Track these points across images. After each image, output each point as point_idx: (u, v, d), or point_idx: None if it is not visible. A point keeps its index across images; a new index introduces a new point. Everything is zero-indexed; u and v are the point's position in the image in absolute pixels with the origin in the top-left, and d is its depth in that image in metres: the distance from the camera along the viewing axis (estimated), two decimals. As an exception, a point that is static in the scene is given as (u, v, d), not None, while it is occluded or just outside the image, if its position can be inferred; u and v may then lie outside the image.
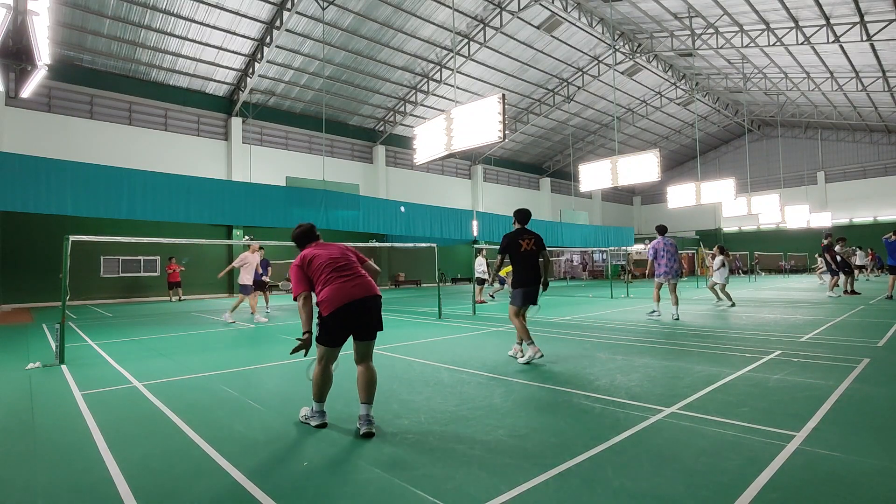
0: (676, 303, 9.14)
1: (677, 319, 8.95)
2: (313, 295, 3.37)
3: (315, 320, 3.31)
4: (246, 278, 10.11)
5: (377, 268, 3.58)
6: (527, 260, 5.59)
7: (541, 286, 5.63)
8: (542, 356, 5.37)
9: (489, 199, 32.15)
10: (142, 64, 18.58)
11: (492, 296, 15.28)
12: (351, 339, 3.35)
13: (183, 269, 18.55)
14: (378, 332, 3.37)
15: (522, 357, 5.46)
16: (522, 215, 5.81)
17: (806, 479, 2.41)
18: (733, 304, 11.18)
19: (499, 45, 21.99)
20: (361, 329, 3.30)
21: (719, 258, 11.54)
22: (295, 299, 3.31)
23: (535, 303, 5.69)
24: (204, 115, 21.25)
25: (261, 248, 10.70)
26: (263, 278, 10.93)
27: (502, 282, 15.05)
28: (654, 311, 9.43)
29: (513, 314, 5.63)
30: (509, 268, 14.26)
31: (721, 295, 11.64)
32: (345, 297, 3.21)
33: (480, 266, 13.83)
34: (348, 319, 3.24)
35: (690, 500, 2.22)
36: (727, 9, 18.54)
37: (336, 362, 3.42)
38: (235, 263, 10.27)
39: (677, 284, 9.19)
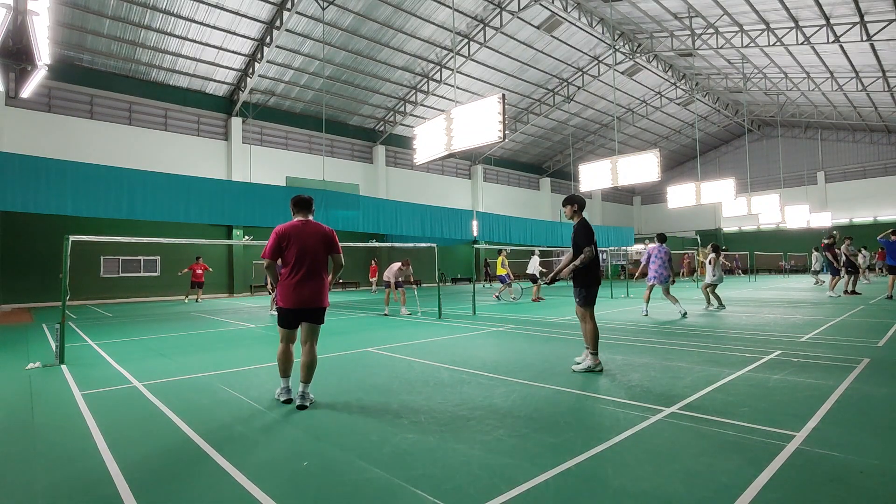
0: (676, 301, 9.79)
1: (685, 315, 9.41)
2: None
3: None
4: (388, 276, 11.38)
5: (342, 263, 4.13)
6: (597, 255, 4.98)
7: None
8: (601, 370, 4.83)
9: (489, 198, 32.16)
10: (142, 64, 18.58)
11: (496, 296, 15.24)
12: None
13: (209, 269, 18.15)
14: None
15: (580, 364, 4.93)
16: (583, 202, 5.15)
17: (806, 479, 2.40)
18: (722, 307, 10.66)
19: (499, 45, 21.98)
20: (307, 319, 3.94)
21: (710, 256, 10.89)
22: (263, 257, 3.97)
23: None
24: (204, 115, 21.25)
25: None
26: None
27: (503, 280, 14.77)
28: (644, 312, 9.90)
29: (589, 317, 4.96)
30: (501, 261, 14.37)
31: (711, 298, 10.86)
32: (294, 302, 3.83)
33: (534, 264, 15.02)
34: (293, 315, 3.91)
35: (690, 500, 2.22)
36: (727, 9, 18.53)
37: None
38: (393, 268, 11.48)
39: (669, 288, 9.84)
